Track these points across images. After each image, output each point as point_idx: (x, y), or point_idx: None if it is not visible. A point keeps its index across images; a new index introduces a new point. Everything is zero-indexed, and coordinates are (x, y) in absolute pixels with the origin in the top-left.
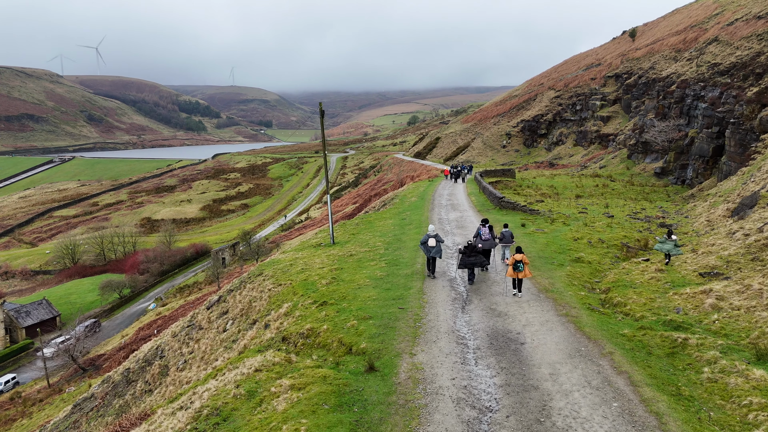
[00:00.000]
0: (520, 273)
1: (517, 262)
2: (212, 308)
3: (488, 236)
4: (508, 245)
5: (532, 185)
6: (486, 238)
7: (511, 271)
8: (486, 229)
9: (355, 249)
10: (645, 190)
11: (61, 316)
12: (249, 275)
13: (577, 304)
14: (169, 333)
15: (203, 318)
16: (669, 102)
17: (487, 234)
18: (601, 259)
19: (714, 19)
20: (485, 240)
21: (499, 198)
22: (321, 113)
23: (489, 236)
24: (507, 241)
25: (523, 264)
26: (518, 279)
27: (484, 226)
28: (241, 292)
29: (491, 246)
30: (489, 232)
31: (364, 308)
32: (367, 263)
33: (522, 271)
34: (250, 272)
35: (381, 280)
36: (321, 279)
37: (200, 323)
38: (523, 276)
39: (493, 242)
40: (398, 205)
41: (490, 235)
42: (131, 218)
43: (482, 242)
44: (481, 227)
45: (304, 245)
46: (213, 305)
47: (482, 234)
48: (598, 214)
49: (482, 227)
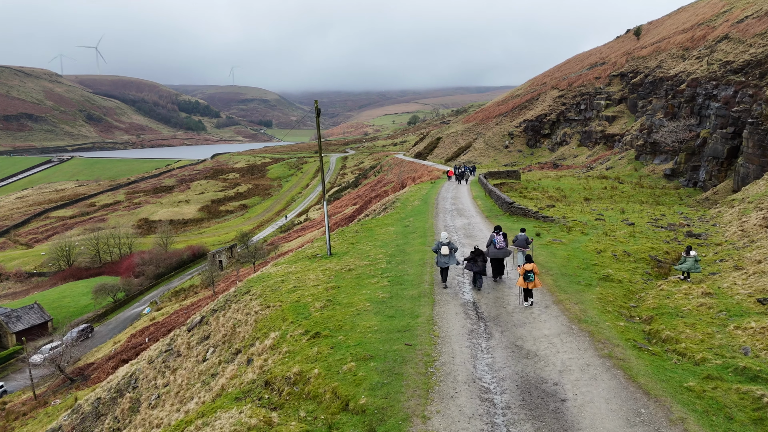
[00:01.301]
0: (530, 283)
1: (528, 271)
2: (193, 330)
3: (502, 244)
4: (523, 250)
5: (538, 187)
6: (500, 246)
7: (521, 280)
8: (500, 237)
9: (353, 262)
10: (655, 192)
11: (53, 320)
12: (235, 293)
13: (619, 340)
14: (146, 358)
15: (183, 342)
16: (679, 101)
17: (501, 242)
18: (632, 276)
19: (722, 16)
20: (499, 249)
21: (508, 203)
22: (317, 112)
23: (503, 244)
24: (522, 246)
25: (533, 274)
26: (528, 289)
27: (498, 234)
28: (225, 313)
29: (505, 255)
30: (503, 240)
31: (364, 343)
32: (368, 280)
33: (532, 281)
34: (237, 289)
35: (383, 303)
36: (314, 301)
37: (179, 348)
38: (533, 286)
39: (507, 251)
40: (400, 209)
41: (504, 243)
42: (128, 219)
43: (496, 251)
44: (495, 235)
45: (299, 256)
46: (194, 327)
47: (496, 242)
48: (617, 221)
49: (496, 235)
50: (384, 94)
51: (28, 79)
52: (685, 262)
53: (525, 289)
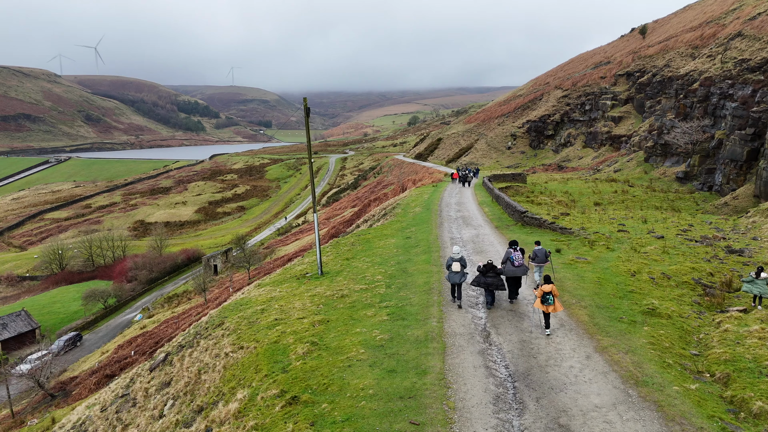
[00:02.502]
0: (550, 307)
1: (546, 293)
2: (155, 371)
3: (521, 261)
4: (541, 266)
5: (545, 191)
6: (518, 264)
7: (539, 303)
8: (518, 254)
9: (348, 285)
10: (669, 196)
11: (40, 328)
12: (207, 324)
13: (699, 417)
14: (101, 402)
15: (141, 387)
16: (691, 101)
17: (519, 259)
18: (680, 308)
19: (732, 14)
20: (518, 266)
21: (521, 212)
22: (306, 111)
23: (521, 261)
24: (541, 261)
25: (552, 296)
26: (546, 313)
27: (516, 250)
28: (192, 352)
29: (523, 273)
30: (521, 257)
31: (355, 418)
32: (363, 312)
33: (552, 305)
34: (210, 319)
35: (381, 349)
36: (297, 342)
37: (136, 394)
38: (552, 311)
39: (525, 268)
40: (400, 216)
41: (522, 260)
42: (124, 221)
43: (514, 269)
44: (512, 251)
45: (286, 274)
46: (157, 366)
47: (514, 259)
48: (642, 232)
49: (513, 251)
50: (384, 94)
51: (26, 79)
52: (755, 284)
53: (543, 313)
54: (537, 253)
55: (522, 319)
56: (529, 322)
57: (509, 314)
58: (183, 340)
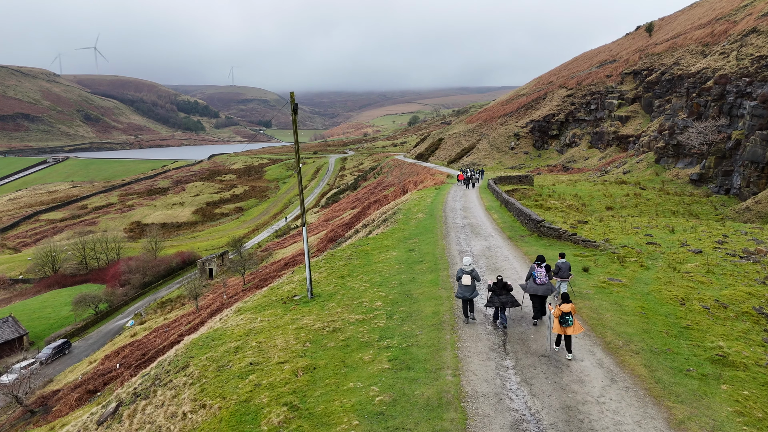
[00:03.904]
0: (569, 328)
1: (565, 314)
2: (102, 426)
3: (544, 279)
4: (565, 281)
5: (553, 194)
6: (542, 282)
7: (557, 324)
8: (542, 270)
9: (341, 314)
10: (684, 200)
11: (28, 335)
12: (170, 366)
13: None
14: None
15: None
16: (705, 100)
17: (543, 276)
18: (751, 351)
19: (744, 10)
20: (540, 284)
21: (536, 222)
22: (293, 107)
23: (545, 279)
24: (564, 276)
25: (571, 316)
26: (566, 335)
27: (540, 266)
28: (146, 406)
29: (548, 292)
30: (545, 274)
31: None
32: (359, 355)
33: (571, 326)
34: (175, 359)
35: (381, 419)
36: (272, 404)
37: None
38: (572, 332)
39: (551, 287)
40: (402, 223)
41: (546, 277)
42: (120, 222)
43: (536, 287)
44: (536, 268)
45: (271, 297)
46: (106, 419)
47: (537, 276)
48: (673, 244)
49: (537, 268)
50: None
51: (25, 78)
52: None
53: (563, 336)
54: (560, 266)
55: (560, 370)
56: (569, 375)
57: (541, 362)
58: (140, 385)
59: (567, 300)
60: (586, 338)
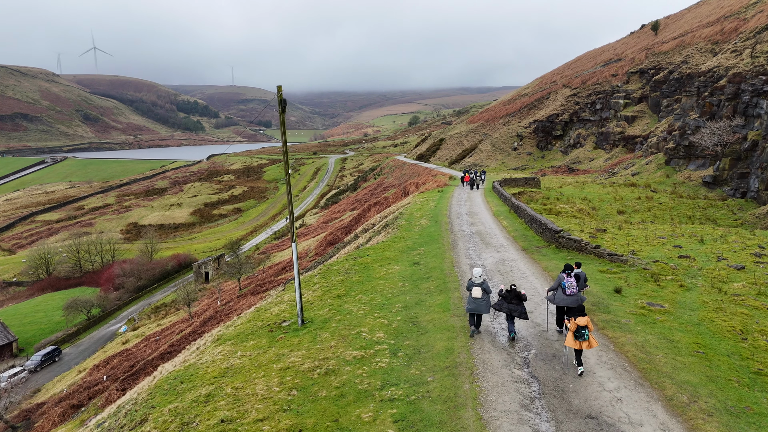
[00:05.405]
0: (584, 343)
1: (581, 327)
2: None
3: (574, 290)
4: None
5: (561, 197)
6: (571, 292)
7: (571, 339)
8: (571, 280)
9: (336, 349)
10: (699, 204)
11: (17, 341)
12: (124, 421)
13: None
14: None
15: None
16: (718, 99)
17: (573, 287)
18: None
19: (753, 7)
20: (571, 295)
21: (555, 232)
22: (280, 104)
23: (575, 290)
24: (581, 286)
25: (587, 330)
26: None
27: (570, 276)
28: None
29: (576, 303)
30: (575, 284)
31: None
32: (356, 411)
33: (587, 341)
34: (130, 412)
35: None
36: None
37: None
38: (587, 347)
39: (580, 298)
40: (405, 230)
41: (576, 288)
42: (116, 223)
43: (565, 298)
44: (566, 277)
45: (256, 323)
46: None
47: (567, 287)
48: (707, 257)
49: (566, 277)
50: (385, 94)
51: (23, 78)
52: None
53: (576, 351)
54: (580, 277)
55: None
56: None
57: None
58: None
59: (582, 312)
60: (640, 390)
